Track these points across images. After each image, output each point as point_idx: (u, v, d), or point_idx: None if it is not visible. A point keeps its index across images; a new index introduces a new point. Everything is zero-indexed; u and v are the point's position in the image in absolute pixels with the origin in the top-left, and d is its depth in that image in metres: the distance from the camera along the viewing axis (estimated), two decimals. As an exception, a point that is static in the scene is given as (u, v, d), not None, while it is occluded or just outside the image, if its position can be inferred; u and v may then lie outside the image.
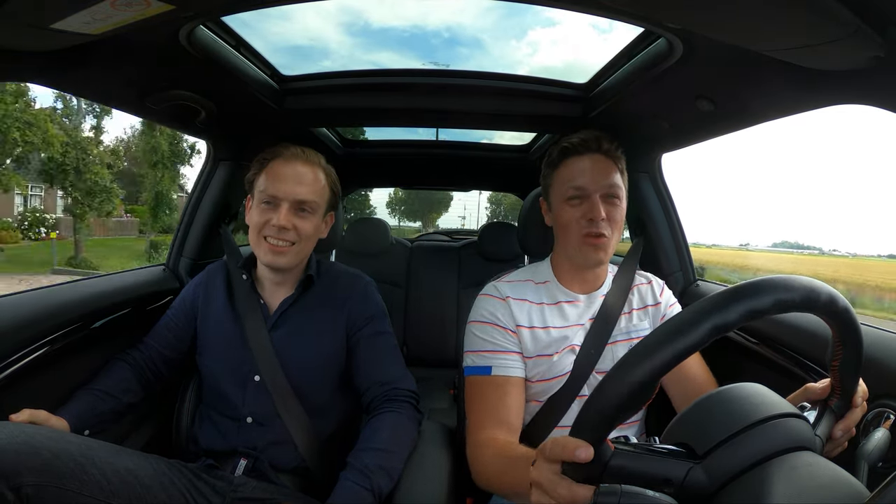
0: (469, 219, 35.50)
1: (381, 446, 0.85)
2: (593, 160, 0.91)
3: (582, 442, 0.42)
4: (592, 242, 0.89)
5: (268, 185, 0.94)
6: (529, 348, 0.91)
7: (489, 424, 0.87)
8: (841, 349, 0.50)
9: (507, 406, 0.88)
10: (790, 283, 0.42)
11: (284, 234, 0.93)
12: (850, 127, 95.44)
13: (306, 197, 0.95)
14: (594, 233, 0.88)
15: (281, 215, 0.93)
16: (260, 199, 0.95)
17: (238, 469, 0.93)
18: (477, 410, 0.90)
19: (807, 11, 0.52)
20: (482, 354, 0.91)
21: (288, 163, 0.96)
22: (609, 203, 0.90)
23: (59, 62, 0.77)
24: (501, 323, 0.91)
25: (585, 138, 0.92)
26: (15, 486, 0.64)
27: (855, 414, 0.56)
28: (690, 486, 0.41)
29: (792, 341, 0.89)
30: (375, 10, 8.48)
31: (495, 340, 0.91)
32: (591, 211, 0.88)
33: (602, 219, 0.88)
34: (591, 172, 0.90)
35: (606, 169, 0.91)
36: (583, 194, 0.90)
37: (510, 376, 0.90)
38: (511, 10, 27.00)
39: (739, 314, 0.40)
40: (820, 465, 0.41)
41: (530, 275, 0.99)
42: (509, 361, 0.90)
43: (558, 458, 0.45)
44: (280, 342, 0.98)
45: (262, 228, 0.94)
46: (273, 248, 0.94)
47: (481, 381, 0.90)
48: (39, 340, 0.86)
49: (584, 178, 0.90)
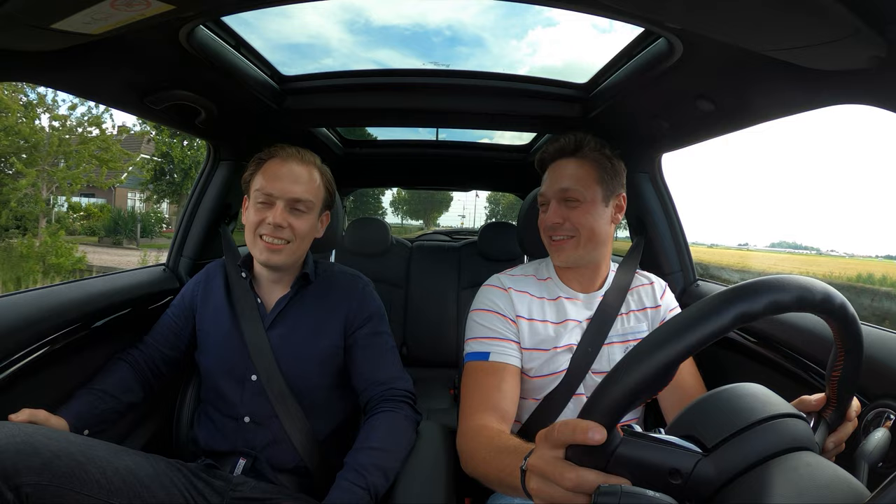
0: (468, 217, 37.42)
1: (377, 445, 0.86)
2: (557, 166, 0.95)
3: (594, 423, 0.40)
4: (554, 245, 0.94)
5: (263, 184, 0.95)
6: (527, 340, 0.92)
7: (481, 409, 0.85)
8: (842, 360, 0.50)
9: (502, 392, 0.87)
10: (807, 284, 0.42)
11: (279, 231, 0.94)
12: (850, 127, 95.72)
13: (301, 195, 0.96)
14: (556, 238, 0.93)
15: (276, 213, 0.93)
16: (256, 199, 0.96)
17: (237, 469, 0.93)
18: (471, 396, 0.89)
19: (807, 11, 0.52)
20: (481, 341, 0.92)
21: (284, 162, 0.97)
22: (567, 207, 0.92)
23: (59, 62, 0.77)
24: (502, 311, 0.93)
25: (557, 147, 0.95)
26: (14, 485, 0.64)
27: (847, 428, 0.56)
28: (697, 479, 0.41)
29: (792, 341, 0.89)
30: (377, 9, 8.46)
31: (495, 327, 0.92)
32: (548, 217, 0.94)
33: (556, 223, 0.92)
34: (552, 178, 0.95)
35: (567, 171, 0.93)
36: (543, 201, 0.96)
37: (507, 364, 0.90)
38: (511, 10, 27.03)
39: (764, 305, 0.40)
40: (820, 465, 0.41)
41: (532, 270, 1.01)
42: (507, 349, 0.91)
43: (567, 442, 0.42)
44: (277, 341, 0.98)
45: (258, 227, 0.95)
46: (269, 245, 0.94)
47: (478, 366, 0.90)
48: (39, 340, 0.86)
49: (546, 184, 0.96)
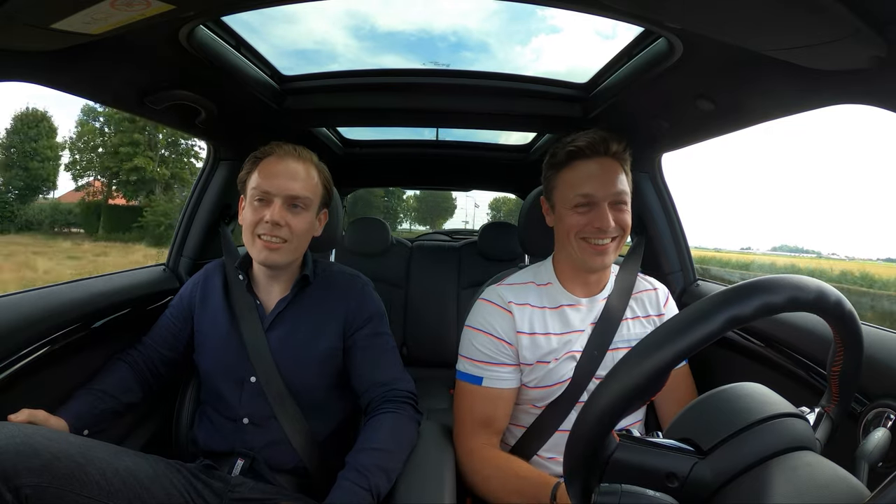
0: (471, 224, 39.51)
1: (380, 446, 0.85)
2: (601, 165, 0.88)
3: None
4: (598, 249, 0.88)
5: (260, 181, 0.94)
6: (528, 356, 0.90)
7: (478, 428, 0.89)
8: (842, 355, 0.50)
9: (497, 419, 0.90)
10: (802, 282, 0.42)
11: (277, 230, 0.92)
12: (850, 127, 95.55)
13: (299, 192, 0.94)
14: (601, 241, 0.87)
15: (274, 211, 0.92)
16: (252, 197, 0.95)
17: (235, 469, 0.93)
18: (467, 418, 0.91)
19: (807, 11, 0.52)
20: (475, 363, 0.91)
21: (280, 160, 0.95)
22: (617, 209, 0.87)
23: (59, 62, 0.77)
24: (498, 335, 0.91)
25: (593, 141, 0.88)
26: (14, 486, 0.64)
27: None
28: (694, 482, 0.41)
29: (792, 341, 0.89)
30: (382, 14, 8.52)
31: (489, 352, 0.91)
32: (600, 220, 0.86)
33: (611, 227, 0.86)
34: (600, 179, 0.87)
35: (614, 174, 0.88)
36: (591, 201, 0.87)
37: (502, 388, 0.90)
38: (515, 15, 27.18)
39: (755, 308, 0.40)
40: (820, 464, 0.41)
41: (532, 276, 0.98)
42: (501, 373, 0.90)
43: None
44: (276, 343, 0.97)
45: (256, 226, 0.93)
46: (267, 244, 0.93)
47: (472, 389, 0.91)
48: (39, 340, 0.86)
49: (592, 184, 0.87)
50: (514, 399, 0.92)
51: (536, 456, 0.92)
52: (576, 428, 0.43)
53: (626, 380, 0.40)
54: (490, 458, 0.86)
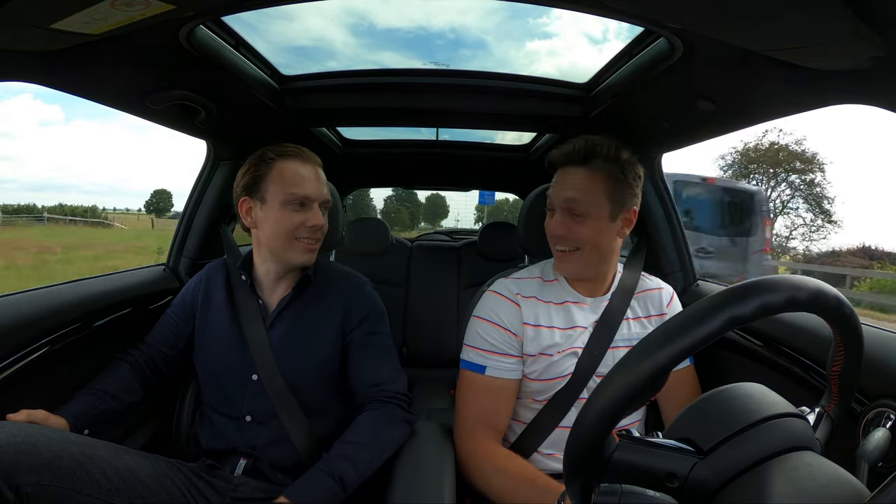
0: (462, 222, 41.03)
1: (351, 439, 0.89)
2: (565, 173, 0.90)
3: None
4: (557, 256, 0.92)
5: (294, 187, 0.95)
6: (531, 347, 0.91)
7: (480, 425, 0.89)
8: (842, 354, 0.50)
9: (499, 412, 0.91)
10: (800, 283, 0.42)
11: (318, 233, 0.98)
12: (851, 127, 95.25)
13: (328, 196, 1.01)
14: (557, 247, 0.91)
15: (317, 216, 0.97)
16: (286, 201, 0.95)
17: (238, 468, 0.93)
18: (468, 410, 0.91)
19: (807, 11, 0.52)
20: (479, 352, 0.92)
21: (305, 164, 0.98)
22: (571, 218, 0.88)
23: (59, 62, 0.77)
24: (505, 325, 0.92)
25: (567, 150, 0.90)
26: (15, 485, 0.64)
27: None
28: (694, 482, 0.41)
29: (792, 341, 0.89)
30: (380, 12, 8.44)
31: (494, 342, 0.91)
32: (551, 227, 0.91)
33: (559, 235, 0.89)
34: (557, 184, 0.91)
35: (575, 181, 0.88)
36: (550, 205, 0.92)
37: (505, 379, 0.90)
38: (514, 14, 27.38)
39: (753, 308, 0.40)
40: (820, 464, 0.41)
41: (539, 272, 1.00)
42: (505, 363, 0.91)
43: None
44: (277, 341, 0.98)
45: (296, 230, 0.96)
46: (308, 247, 0.98)
47: (475, 378, 0.91)
48: (40, 340, 0.86)
49: (552, 189, 0.92)
50: (515, 394, 0.92)
51: (536, 452, 0.92)
52: (576, 428, 0.43)
53: (626, 380, 0.40)
54: (491, 457, 0.86)
